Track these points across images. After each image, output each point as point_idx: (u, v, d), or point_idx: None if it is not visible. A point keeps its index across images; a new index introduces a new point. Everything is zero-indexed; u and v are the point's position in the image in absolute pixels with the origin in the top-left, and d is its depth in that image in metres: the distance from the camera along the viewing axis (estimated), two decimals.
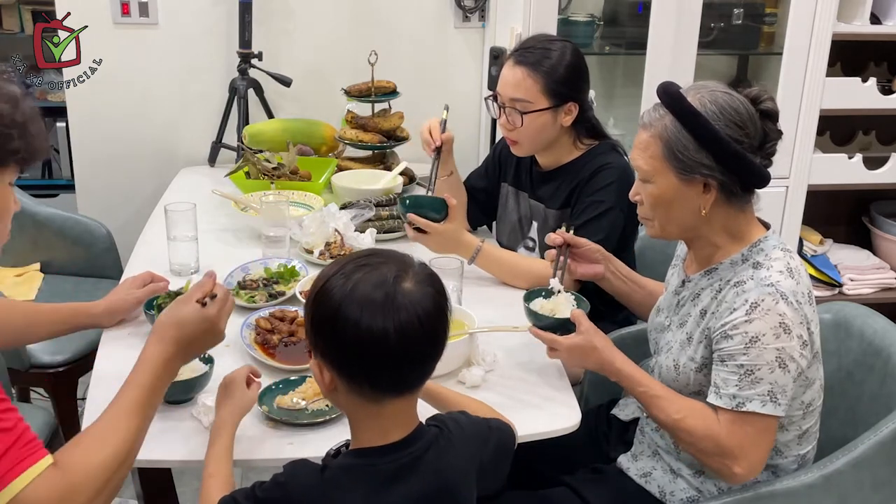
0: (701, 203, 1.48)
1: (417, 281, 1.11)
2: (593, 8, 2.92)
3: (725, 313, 1.44)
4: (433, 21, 2.99)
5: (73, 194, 3.05)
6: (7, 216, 1.22)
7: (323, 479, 1.11)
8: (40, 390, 2.45)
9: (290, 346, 1.67)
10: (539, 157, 2.13)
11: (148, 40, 2.85)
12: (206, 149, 2.90)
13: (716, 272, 1.54)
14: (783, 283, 1.42)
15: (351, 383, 1.12)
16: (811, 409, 1.53)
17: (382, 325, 1.07)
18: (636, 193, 1.55)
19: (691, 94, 1.46)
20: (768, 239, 1.51)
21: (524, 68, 1.97)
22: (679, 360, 1.54)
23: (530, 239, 2.18)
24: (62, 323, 1.71)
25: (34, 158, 1.19)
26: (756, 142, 1.46)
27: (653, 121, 1.48)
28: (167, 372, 1.26)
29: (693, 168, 1.44)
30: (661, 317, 1.67)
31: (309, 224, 2.13)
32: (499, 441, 1.26)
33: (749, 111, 1.45)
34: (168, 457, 1.41)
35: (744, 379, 1.40)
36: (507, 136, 2.05)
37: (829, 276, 3.03)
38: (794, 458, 1.55)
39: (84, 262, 2.58)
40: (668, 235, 1.57)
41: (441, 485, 1.14)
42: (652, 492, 1.59)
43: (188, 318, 1.28)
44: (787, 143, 2.76)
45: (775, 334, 1.39)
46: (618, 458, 1.66)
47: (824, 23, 2.68)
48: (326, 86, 2.86)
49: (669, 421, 1.48)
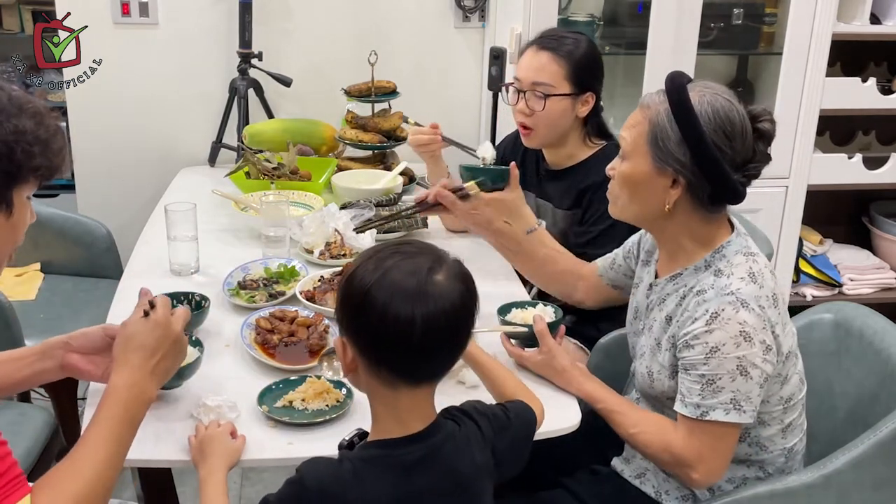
0: (666, 197, 1.47)
1: (450, 275, 1.12)
2: (593, 8, 2.92)
3: (687, 322, 1.45)
4: (433, 21, 2.99)
5: (73, 194, 3.05)
6: (23, 228, 1.22)
7: (342, 470, 1.11)
8: (40, 390, 2.45)
9: (290, 346, 1.67)
10: (548, 153, 2.13)
11: (148, 40, 2.85)
12: (206, 149, 2.90)
13: (680, 278, 1.54)
14: (744, 289, 1.42)
15: (370, 366, 1.13)
16: (792, 404, 1.53)
17: (410, 313, 1.07)
18: (612, 168, 1.56)
19: (695, 89, 1.45)
20: (731, 243, 1.50)
21: (548, 53, 1.99)
22: (652, 367, 1.56)
23: None
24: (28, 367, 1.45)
25: (54, 174, 1.20)
26: (739, 158, 1.44)
27: (651, 103, 1.48)
28: (136, 399, 1.22)
29: (668, 160, 1.44)
30: (636, 320, 1.68)
31: (309, 224, 2.13)
32: (517, 430, 1.27)
33: (744, 126, 1.44)
34: (168, 457, 1.40)
35: (706, 388, 1.42)
36: (523, 122, 2.05)
37: (829, 276, 3.03)
38: (780, 452, 1.55)
39: (84, 262, 2.58)
40: (627, 217, 1.57)
41: (457, 479, 1.15)
42: (647, 492, 1.60)
43: (139, 332, 1.27)
44: (787, 143, 2.79)
45: (735, 343, 1.39)
46: (612, 461, 1.67)
47: (824, 23, 2.68)
48: (326, 86, 2.86)
49: (626, 435, 1.53)
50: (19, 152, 1.13)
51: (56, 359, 1.44)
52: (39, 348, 1.45)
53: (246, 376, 1.61)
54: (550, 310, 1.72)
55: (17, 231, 1.21)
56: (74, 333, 1.46)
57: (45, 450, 1.88)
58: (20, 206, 1.18)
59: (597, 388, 1.58)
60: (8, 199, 1.16)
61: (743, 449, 1.54)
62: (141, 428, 1.35)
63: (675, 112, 1.43)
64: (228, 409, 1.45)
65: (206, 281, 1.98)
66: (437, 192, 1.86)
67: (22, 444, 1.81)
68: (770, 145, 1.48)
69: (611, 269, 1.82)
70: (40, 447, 1.86)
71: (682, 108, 1.43)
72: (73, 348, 1.44)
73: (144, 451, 1.37)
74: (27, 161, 1.15)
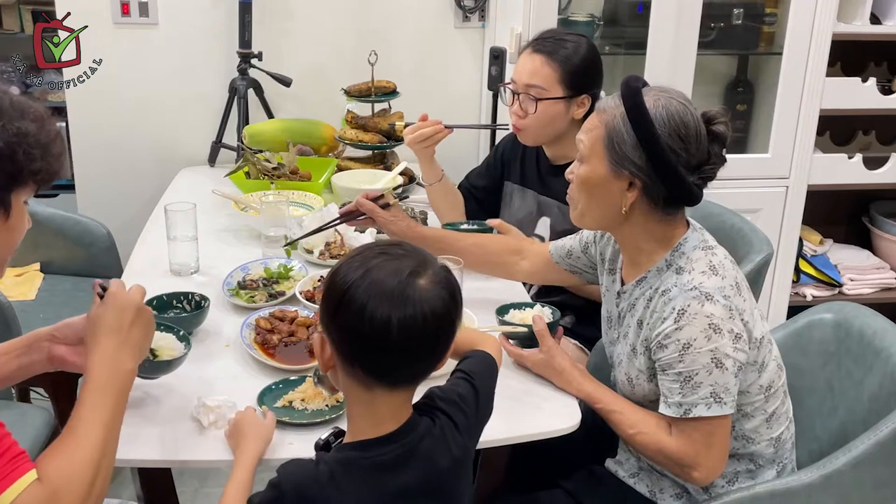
0: (622, 201, 1.48)
1: (434, 281, 1.11)
2: (593, 8, 2.92)
3: (657, 323, 1.47)
4: (433, 21, 2.99)
5: (73, 194, 3.05)
6: (21, 233, 1.22)
7: (318, 472, 1.11)
8: (40, 390, 2.45)
9: (289, 346, 1.67)
10: (547, 149, 2.14)
11: (148, 40, 2.85)
12: (206, 149, 2.90)
13: (645, 281, 1.55)
14: (706, 283, 1.43)
15: (345, 365, 1.12)
16: (773, 391, 1.54)
17: (387, 315, 1.07)
18: (570, 172, 1.57)
19: (650, 94, 1.46)
20: (688, 240, 1.52)
21: (542, 56, 1.99)
22: (630, 373, 1.57)
23: (537, 236, 2.18)
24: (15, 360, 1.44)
25: (52, 179, 1.20)
26: (694, 160, 1.46)
27: (607, 107, 1.49)
28: (112, 370, 1.22)
29: (624, 163, 1.45)
30: (611, 329, 1.68)
31: (309, 224, 2.13)
32: (484, 391, 1.27)
33: (698, 129, 1.45)
34: (168, 457, 1.40)
35: (685, 386, 1.43)
36: (516, 123, 2.06)
37: (829, 276, 3.03)
38: (767, 442, 1.56)
39: (84, 262, 2.58)
40: (586, 223, 1.59)
41: (436, 474, 1.15)
42: (641, 491, 1.60)
43: (96, 315, 1.27)
44: (786, 143, 2.80)
45: (706, 336, 1.41)
46: (605, 462, 1.67)
47: (824, 23, 2.68)
48: (326, 86, 2.86)
49: (626, 436, 1.54)
50: (21, 154, 1.14)
51: (42, 351, 1.42)
52: (25, 342, 1.44)
53: (246, 376, 1.61)
54: (548, 311, 1.72)
55: (13, 235, 1.21)
56: (59, 325, 1.44)
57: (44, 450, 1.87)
58: (18, 209, 1.18)
59: (596, 388, 1.58)
60: (6, 202, 1.16)
61: (731, 444, 1.54)
62: (141, 428, 1.36)
63: (631, 116, 1.44)
64: (228, 409, 1.44)
65: (206, 281, 1.98)
66: (358, 201, 1.96)
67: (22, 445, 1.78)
68: (725, 147, 1.49)
69: (567, 258, 1.83)
70: (40, 447, 1.86)
71: (637, 112, 1.44)
72: (58, 340, 1.42)
73: (144, 451, 1.37)
74: (28, 164, 1.15)
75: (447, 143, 2.23)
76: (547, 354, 1.61)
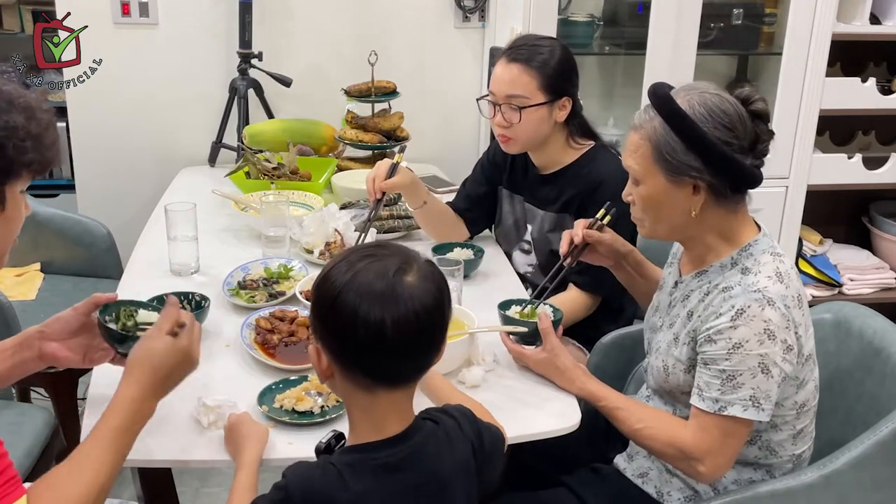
0: (691, 205, 1.48)
1: (420, 276, 1.11)
2: (593, 8, 2.92)
3: (711, 317, 1.45)
4: (433, 21, 3.00)
5: (73, 194, 3.05)
6: (20, 222, 1.22)
7: (326, 473, 1.11)
8: (40, 390, 2.45)
9: (290, 346, 1.67)
10: (534, 156, 2.12)
11: (148, 40, 2.85)
12: (206, 149, 2.90)
13: (706, 275, 1.54)
14: (771, 288, 1.42)
15: (345, 370, 1.12)
16: (805, 410, 1.54)
17: (380, 316, 1.07)
18: (628, 194, 1.56)
19: (681, 95, 1.45)
20: (758, 242, 1.51)
21: (519, 65, 1.97)
22: (667, 362, 1.56)
23: (526, 242, 2.18)
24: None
25: (47, 168, 1.20)
26: (746, 143, 1.45)
27: (643, 122, 1.48)
28: (141, 413, 1.23)
29: (682, 170, 1.44)
30: (655, 317, 1.68)
31: (309, 224, 2.13)
32: (492, 439, 1.26)
33: (739, 112, 1.44)
34: (168, 457, 1.40)
35: (726, 384, 1.42)
36: (502, 133, 2.04)
37: (829, 276, 3.03)
38: (788, 458, 1.55)
39: (84, 262, 2.58)
40: (659, 236, 1.57)
41: (438, 478, 1.15)
42: (649, 492, 1.60)
43: (161, 353, 1.27)
44: (786, 143, 2.80)
45: (759, 340, 1.40)
46: (614, 459, 1.67)
47: (824, 23, 2.69)
48: (326, 86, 2.87)
49: (631, 431, 1.53)
50: (11, 148, 1.13)
51: (33, 349, 1.40)
52: (16, 340, 1.42)
53: (246, 376, 1.61)
54: (549, 309, 1.71)
55: (12, 225, 1.20)
56: (48, 321, 1.43)
57: (45, 450, 1.88)
58: (13, 200, 1.18)
59: (600, 387, 1.58)
60: (1, 195, 1.16)
61: (753, 452, 1.54)
62: None
63: (672, 123, 1.43)
64: (228, 409, 1.44)
65: (206, 281, 1.98)
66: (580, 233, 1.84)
67: (22, 444, 1.81)
68: (769, 122, 1.49)
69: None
70: (40, 447, 1.86)
71: (676, 118, 1.43)
72: (48, 336, 1.41)
73: (144, 451, 1.37)
74: (19, 157, 1.14)
75: (447, 143, 2.23)
76: (551, 353, 1.60)
